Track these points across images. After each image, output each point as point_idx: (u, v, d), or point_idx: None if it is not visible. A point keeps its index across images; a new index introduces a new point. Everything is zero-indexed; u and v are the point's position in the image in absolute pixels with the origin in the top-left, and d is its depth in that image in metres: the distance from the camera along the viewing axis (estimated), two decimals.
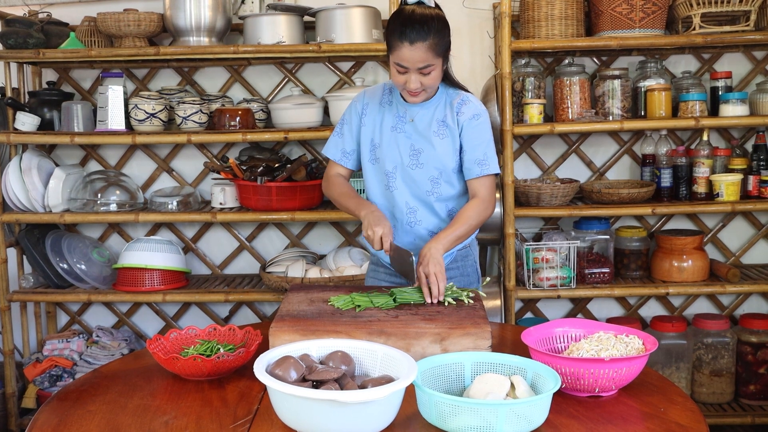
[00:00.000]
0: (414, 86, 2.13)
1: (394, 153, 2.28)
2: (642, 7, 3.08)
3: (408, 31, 2.07)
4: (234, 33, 3.49)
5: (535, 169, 3.58)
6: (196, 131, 3.27)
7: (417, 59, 2.09)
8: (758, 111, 3.21)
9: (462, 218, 2.20)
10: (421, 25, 2.07)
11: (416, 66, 2.10)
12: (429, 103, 2.26)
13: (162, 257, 3.33)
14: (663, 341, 3.28)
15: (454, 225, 2.19)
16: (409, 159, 2.27)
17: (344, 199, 2.32)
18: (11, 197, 3.33)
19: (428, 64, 2.10)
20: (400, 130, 2.28)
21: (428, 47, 2.08)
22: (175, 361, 1.80)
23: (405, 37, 2.08)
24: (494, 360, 1.67)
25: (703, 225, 3.56)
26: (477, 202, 2.23)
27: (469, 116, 2.23)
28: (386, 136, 2.29)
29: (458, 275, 2.38)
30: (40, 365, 3.41)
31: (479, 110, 2.25)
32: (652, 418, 1.59)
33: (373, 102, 2.33)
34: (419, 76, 2.13)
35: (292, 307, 2.02)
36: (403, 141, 2.27)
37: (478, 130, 2.24)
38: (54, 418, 1.64)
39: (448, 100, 2.27)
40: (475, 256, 2.44)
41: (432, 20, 2.10)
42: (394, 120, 2.29)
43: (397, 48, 2.10)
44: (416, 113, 2.27)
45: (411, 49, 2.08)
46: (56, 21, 3.40)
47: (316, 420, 1.44)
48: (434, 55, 2.10)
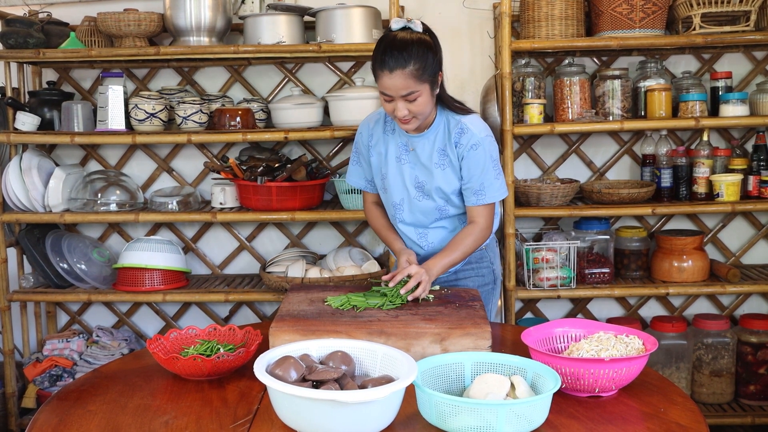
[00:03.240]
0: (401, 114, 2.10)
1: (400, 185, 2.28)
2: (642, 7, 3.08)
3: (387, 58, 2.05)
4: (234, 33, 3.49)
5: (535, 169, 3.58)
6: (196, 131, 3.27)
7: (399, 86, 2.05)
8: (758, 111, 3.21)
9: (458, 244, 2.23)
10: (400, 52, 2.04)
11: (399, 93, 2.07)
12: (429, 131, 2.23)
13: (162, 257, 3.33)
14: (663, 341, 3.28)
15: (450, 251, 2.23)
16: (415, 191, 2.27)
17: (384, 232, 2.39)
18: (11, 197, 3.33)
19: (411, 91, 2.06)
20: (404, 161, 2.27)
21: (408, 74, 2.04)
22: (175, 361, 1.80)
23: (385, 66, 2.05)
24: (494, 360, 1.67)
25: (703, 225, 3.56)
26: (475, 229, 2.25)
27: (467, 147, 2.19)
28: (392, 167, 2.29)
29: (473, 275, 2.39)
30: (40, 365, 3.41)
31: (478, 139, 2.20)
32: (652, 418, 1.59)
33: (377, 131, 2.32)
34: (405, 104, 2.09)
35: (292, 307, 2.02)
36: (408, 172, 2.27)
37: (475, 159, 2.20)
38: (54, 418, 1.64)
39: (446, 128, 2.23)
40: (491, 257, 2.44)
41: (412, 45, 2.05)
42: (398, 150, 2.28)
43: (378, 77, 2.08)
44: (417, 143, 2.25)
45: (391, 77, 2.05)
46: (56, 21, 3.40)
47: (316, 420, 1.44)
48: (416, 81, 2.06)
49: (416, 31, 2.11)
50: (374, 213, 2.44)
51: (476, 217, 2.25)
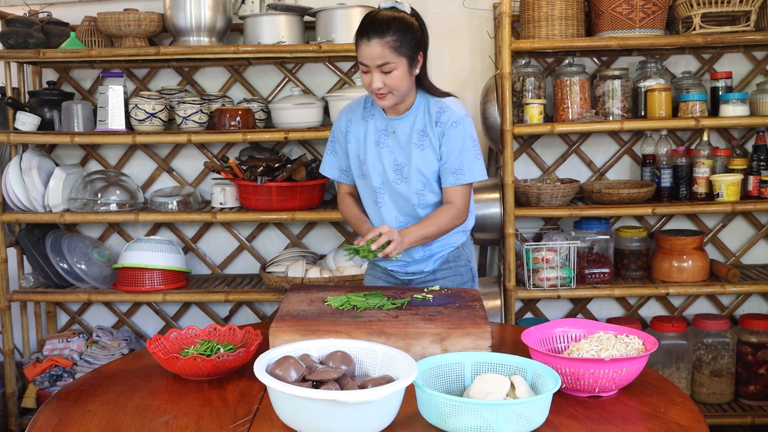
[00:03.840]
0: (376, 85, 2.14)
1: (379, 169, 2.29)
2: (642, 8, 3.08)
3: (366, 28, 2.12)
4: (234, 33, 3.50)
5: (535, 169, 3.58)
6: (197, 131, 3.27)
7: (375, 55, 2.11)
8: (758, 111, 3.21)
9: (433, 220, 2.24)
10: (380, 23, 2.11)
11: (375, 63, 2.12)
12: (408, 113, 2.26)
13: (162, 257, 3.33)
14: (663, 341, 3.28)
15: (424, 224, 2.23)
16: (394, 174, 2.28)
17: (357, 223, 2.39)
18: (11, 197, 3.33)
19: (387, 62, 2.11)
20: (383, 145, 2.28)
21: (385, 44, 2.10)
22: (175, 361, 1.80)
23: (364, 34, 2.12)
24: (494, 360, 1.67)
25: (703, 225, 3.56)
26: (451, 208, 2.25)
27: (448, 124, 2.21)
28: (370, 151, 2.30)
29: (451, 275, 2.38)
30: (40, 365, 3.41)
31: (458, 117, 2.22)
32: (652, 418, 1.59)
33: (356, 117, 2.34)
34: (381, 75, 2.13)
35: (292, 307, 2.02)
36: (387, 155, 2.28)
37: (455, 137, 2.21)
38: (54, 418, 1.64)
39: (426, 109, 2.25)
40: (468, 255, 2.43)
41: (394, 20, 2.13)
42: (377, 134, 2.29)
43: (358, 46, 2.15)
44: (397, 125, 2.27)
45: (368, 46, 2.11)
46: (56, 21, 3.40)
47: (316, 420, 1.44)
48: (393, 53, 2.11)
49: (402, 10, 2.18)
50: (347, 202, 2.44)
51: (453, 197, 2.25)
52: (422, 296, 2.10)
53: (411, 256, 2.35)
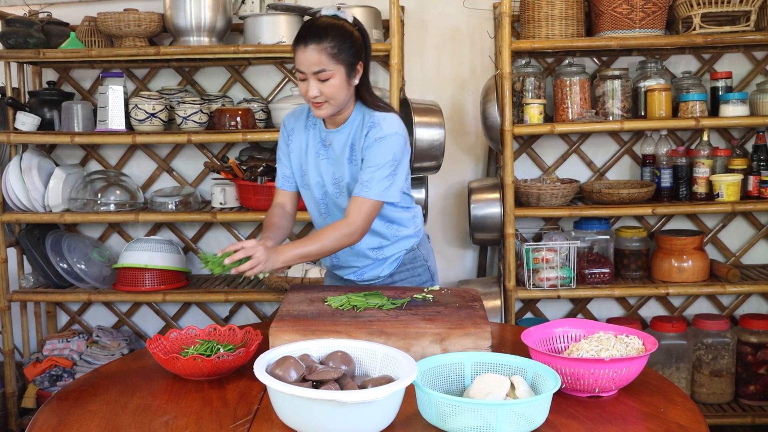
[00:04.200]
0: (312, 93, 2.08)
1: (319, 181, 2.25)
2: (642, 8, 3.08)
3: (304, 34, 2.07)
4: (234, 33, 3.50)
5: (535, 170, 3.58)
6: (197, 131, 3.27)
7: (311, 62, 2.05)
8: (758, 111, 3.21)
9: (318, 238, 2.09)
10: (318, 30, 2.06)
11: (311, 70, 2.06)
12: (344, 126, 2.20)
13: (162, 257, 3.33)
14: (663, 341, 3.28)
15: (306, 242, 2.09)
16: (333, 187, 2.23)
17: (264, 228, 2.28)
18: (11, 197, 3.33)
19: (323, 69, 2.05)
20: (322, 156, 2.24)
21: (322, 50, 2.04)
22: (175, 361, 1.80)
23: (300, 40, 2.07)
24: (494, 360, 1.66)
25: (703, 225, 3.56)
26: (343, 225, 2.11)
27: (373, 139, 2.12)
28: (311, 162, 2.25)
29: (409, 276, 2.36)
30: (40, 365, 3.41)
31: (386, 132, 2.11)
32: (652, 418, 1.59)
33: (299, 126, 2.29)
34: (317, 83, 2.07)
35: (292, 307, 2.02)
36: (325, 168, 2.23)
37: (374, 151, 2.11)
38: (54, 418, 1.64)
39: (361, 123, 2.18)
40: (424, 255, 2.39)
41: (332, 27, 2.07)
42: (317, 145, 2.25)
43: (295, 52, 2.09)
44: (333, 138, 2.21)
45: (305, 52, 2.06)
46: (56, 21, 3.40)
47: (316, 420, 1.44)
48: (330, 61, 2.05)
49: (342, 18, 2.13)
50: (272, 212, 2.31)
51: (352, 210, 2.11)
52: (422, 296, 2.10)
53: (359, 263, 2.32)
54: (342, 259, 2.34)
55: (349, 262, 2.34)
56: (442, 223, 3.66)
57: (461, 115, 3.59)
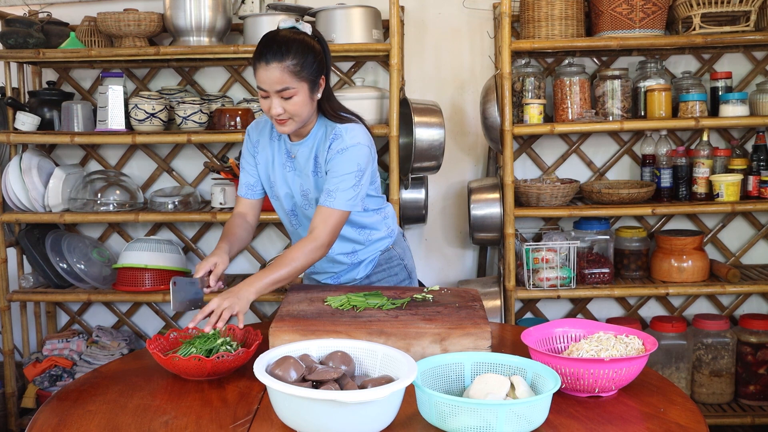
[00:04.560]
0: (275, 111, 2.04)
1: (288, 192, 2.24)
2: (642, 8, 3.08)
3: (265, 50, 2.01)
4: (234, 33, 3.50)
5: (535, 170, 3.59)
6: (196, 131, 3.27)
7: (273, 80, 2.01)
8: (758, 111, 3.21)
9: (286, 260, 2.05)
10: (279, 46, 2.00)
11: (274, 88, 2.02)
12: (308, 138, 2.18)
13: (162, 257, 3.33)
14: (663, 341, 3.28)
15: (276, 267, 2.03)
16: (301, 198, 2.22)
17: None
18: (11, 197, 3.33)
19: (286, 87, 2.02)
20: (289, 168, 2.22)
21: (284, 68, 2.00)
22: (175, 361, 1.79)
23: (261, 57, 2.01)
24: (494, 360, 1.67)
25: (703, 225, 3.56)
26: (308, 242, 2.07)
27: (336, 150, 2.10)
28: (278, 174, 2.24)
29: (386, 276, 2.37)
30: (40, 365, 3.41)
31: (349, 143, 2.10)
32: (652, 418, 1.59)
33: (264, 137, 2.26)
34: (280, 101, 2.03)
35: (292, 307, 2.02)
36: (292, 179, 2.22)
37: (338, 161, 2.09)
38: (54, 418, 1.64)
39: (324, 135, 2.16)
40: (400, 254, 2.38)
41: (293, 42, 2.02)
42: (282, 157, 2.23)
43: (256, 69, 2.04)
44: (297, 150, 2.19)
45: (266, 70, 2.01)
46: (56, 21, 3.40)
47: (316, 420, 1.44)
48: (293, 78, 2.01)
49: (302, 32, 2.08)
50: (232, 221, 2.27)
51: (317, 224, 2.09)
52: (422, 296, 2.10)
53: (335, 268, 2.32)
54: (317, 265, 2.34)
55: (324, 269, 2.35)
56: (442, 223, 3.66)
57: (461, 115, 3.59)
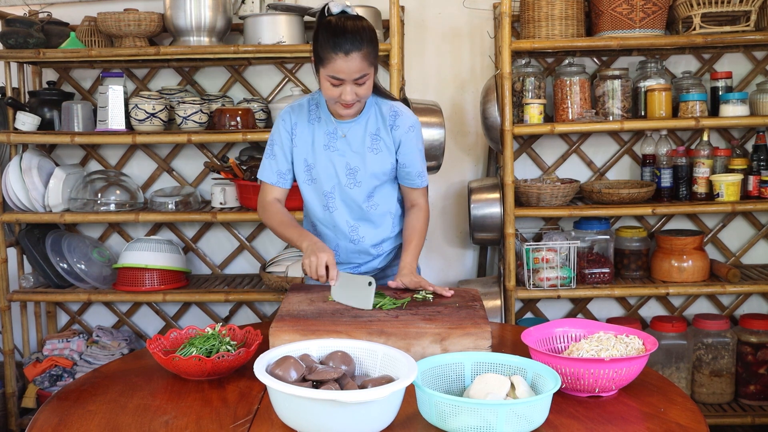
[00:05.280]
0: (350, 98, 2.08)
1: (330, 173, 2.25)
2: (642, 8, 3.08)
3: (342, 41, 2.03)
4: (234, 33, 3.50)
5: (535, 169, 3.58)
6: (197, 131, 3.27)
7: (354, 69, 2.05)
8: (758, 111, 3.21)
9: (417, 233, 2.29)
10: (354, 35, 2.04)
11: (353, 77, 2.06)
12: (359, 117, 2.21)
13: (162, 257, 3.33)
14: (663, 341, 3.28)
15: (414, 240, 2.28)
16: (346, 178, 2.24)
17: (284, 228, 2.24)
18: (11, 197, 3.34)
19: (364, 74, 2.07)
20: (333, 149, 2.24)
21: (363, 56, 2.05)
22: (175, 361, 1.79)
23: (339, 48, 2.03)
24: (494, 360, 1.67)
25: (703, 225, 3.56)
26: (420, 213, 2.32)
27: (405, 129, 2.21)
28: (320, 155, 2.24)
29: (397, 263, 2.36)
30: (40, 365, 3.41)
31: (413, 121, 2.24)
32: (652, 418, 1.59)
33: (301, 120, 2.27)
34: (354, 87, 2.08)
35: (292, 307, 2.02)
36: (338, 159, 2.24)
37: (415, 142, 2.24)
38: (54, 418, 1.64)
39: (379, 112, 2.22)
40: None
41: (363, 30, 2.07)
42: (326, 137, 2.24)
43: (331, 60, 2.05)
44: (348, 129, 2.22)
45: (347, 60, 2.04)
46: (56, 21, 3.40)
47: (316, 420, 1.44)
48: (368, 65, 2.07)
49: (359, 16, 2.12)
50: (275, 208, 2.28)
51: (418, 198, 2.32)
52: (422, 296, 2.10)
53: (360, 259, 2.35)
54: (343, 256, 2.35)
55: (350, 259, 2.36)
56: (442, 223, 3.66)
57: (461, 115, 3.59)
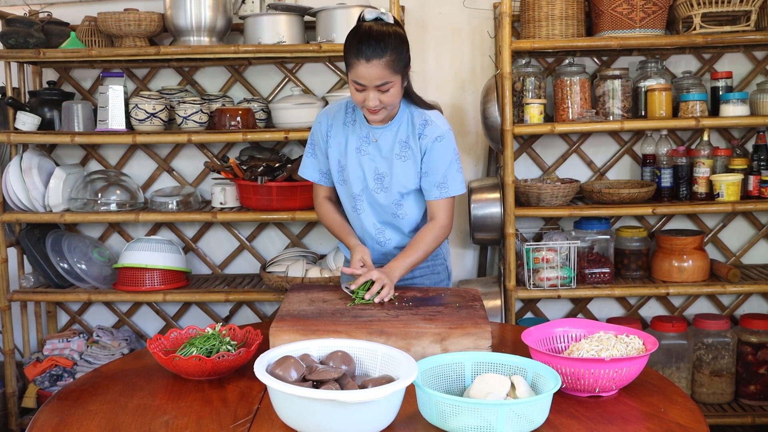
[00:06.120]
0: (372, 104, 2.10)
1: (360, 176, 2.27)
2: (642, 7, 3.08)
3: (364, 48, 2.05)
4: (234, 33, 3.49)
5: (536, 169, 3.58)
6: (197, 131, 3.27)
7: (374, 76, 2.06)
8: (758, 111, 3.21)
9: (419, 244, 2.23)
10: (377, 42, 2.05)
11: (374, 83, 2.08)
12: (392, 123, 2.23)
13: (162, 257, 3.33)
14: (663, 341, 3.28)
15: (411, 251, 2.22)
16: (374, 183, 2.26)
17: (335, 230, 2.36)
18: (11, 197, 3.34)
19: (386, 81, 2.08)
20: (364, 152, 2.26)
21: (385, 64, 2.05)
22: (175, 361, 1.80)
23: (361, 55, 2.06)
24: (494, 360, 1.67)
25: (703, 225, 3.56)
26: (434, 226, 2.25)
27: (432, 138, 2.20)
28: (351, 158, 2.27)
29: (428, 273, 2.39)
30: (41, 365, 3.41)
31: (442, 131, 2.21)
32: (652, 418, 1.59)
33: (337, 122, 2.31)
34: (378, 94, 2.10)
35: (293, 306, 2.02)
36: (368, 164, 2.26)
37: (439, 152, 2.21)
38: (54, 418, 1.64)
39: (410, 120, 2.23)
40: (444, 254, 2.45)
41: (389, 37, 2.07)
42: (358, 141, 2.27)
43: (354, 65, 2.08)
44: (380, 134, 2.24)
45: (367, 67, 2.06)
46: (57, 21, 3.40)
47: (317, 420, 1.44)
48: (392, 72, 2.07)
49: (390, 23, 2.13)
50: (326, 208, 2.40)
51: (437, 212, 2.25)
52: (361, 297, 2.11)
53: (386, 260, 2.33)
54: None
55: (377, 260, 2.35)
56: None
57: (461, 114, 3.59)
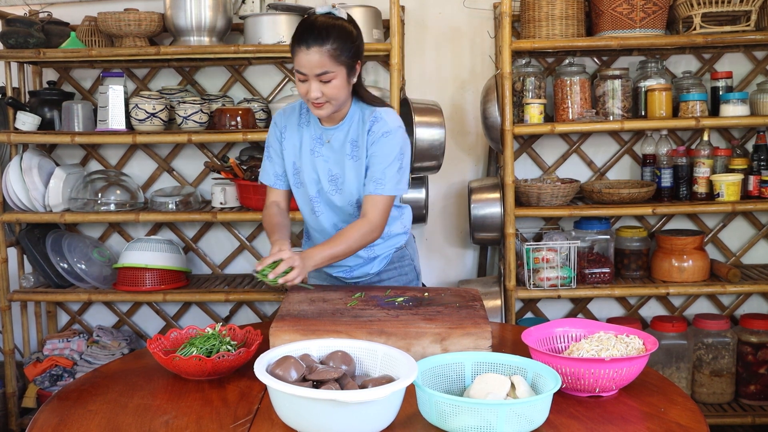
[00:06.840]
0: (314, 95, 2.08)
1: (314, 178, 2.25)
2: (642, 7, 3.08)
3: (305, 35, 2.05)
4: (234, 33, 3.50)
5: (536, 169, 3.58)
6: (197, 131, 3.27)
7: (314, 64, 2.05)
8: (759, 111, 3.21)
9: (343, 238, 2.14)
10: (319, 31, 2.05)
11: (313, 72, 2.06)
12: (343, 123, 2.21)
13: (162, 257, 3.33)
14: (663, 341, 3.28)
15: (334, 243, 2.14)
16: (329, 184, 2.24)
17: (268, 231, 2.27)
18: (11, 197, 3.34)
19: (326, 71, 2.06)
20: (318, 154, 2.24)
21: (325, 52, 2.04)
22: (176, 361, 1.80)
23: (302, 42, 2.05)
24: (494, 360, 1.67)
25: (703, 225, 3.56)
26: (363, 224, 2.16)
27: (379, 134, 2.16)
28: (306, 159, 2.25)
29: (397, 275, 2.38)
30: (41, 365, 3.41)
31: (390, 127, 2.16)
32: (653, 418, 1.59)
33: (291, 123, 2.29)
34: (319, 85, 2.08)
35: (293, 306, 2.02)
36: (321, 165, 2.24)
37: (383, 147, 2.16)
38: (54, 418, 1.64)
39: (361, 119, 2.21)
40: (411, 254, 2.42)
41: (333, 28, 2.06)
42: (312, 142, 2.25)
43: (295, 53, 2.07)
44: (332, 135, 2.22)
45: (307, 53, 2.05)
46: (57, 21, 3.40)
47: (317, 420, 1.44)
48: (333, 62, 2.06)
49: (340, 17, 2.12)
50: (269, 211, 2.32)
51: (369, 209, 2.16)
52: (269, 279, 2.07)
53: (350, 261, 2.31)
54: None
55: (341, 262, 2.33)
56: (442, 223, 3.66)
57: (461, 114, 3.59)
